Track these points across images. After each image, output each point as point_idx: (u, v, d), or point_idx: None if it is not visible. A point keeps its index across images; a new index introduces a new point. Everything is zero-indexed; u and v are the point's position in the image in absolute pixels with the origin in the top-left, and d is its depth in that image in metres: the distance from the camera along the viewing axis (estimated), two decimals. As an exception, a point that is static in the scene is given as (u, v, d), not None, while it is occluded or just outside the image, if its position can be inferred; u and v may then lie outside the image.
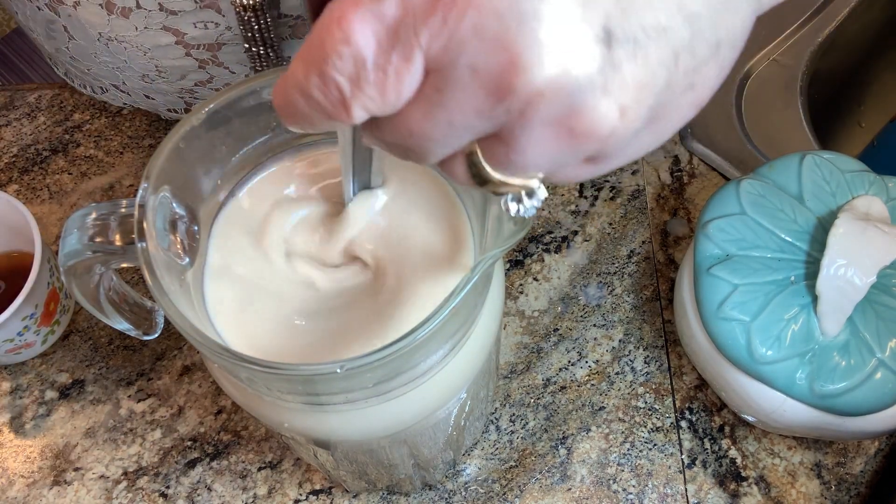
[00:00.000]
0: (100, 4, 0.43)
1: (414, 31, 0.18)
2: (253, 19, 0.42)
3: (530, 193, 0.22)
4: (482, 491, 0.48)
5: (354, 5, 0.19)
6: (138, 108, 0.63)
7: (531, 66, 0.18)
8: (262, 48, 0.44)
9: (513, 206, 0.23)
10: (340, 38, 0.19)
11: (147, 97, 0.54)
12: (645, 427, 0.49)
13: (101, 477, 0.49)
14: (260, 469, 0.49)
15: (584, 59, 0.18)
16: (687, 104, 0.20)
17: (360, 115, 0.20)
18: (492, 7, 0.17)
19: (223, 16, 0.44)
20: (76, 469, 0.49)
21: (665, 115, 0.20)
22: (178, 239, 0.30)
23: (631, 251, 0.55)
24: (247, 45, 0.44)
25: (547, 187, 0.22)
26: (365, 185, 0.33)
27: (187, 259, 0.31)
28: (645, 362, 0.51)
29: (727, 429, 0.49)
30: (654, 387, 0.50)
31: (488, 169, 0.21)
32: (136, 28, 0.44)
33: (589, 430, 0.49)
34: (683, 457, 0.48)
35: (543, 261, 0.55)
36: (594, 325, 0.52)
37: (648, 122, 0.20)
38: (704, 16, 0.19)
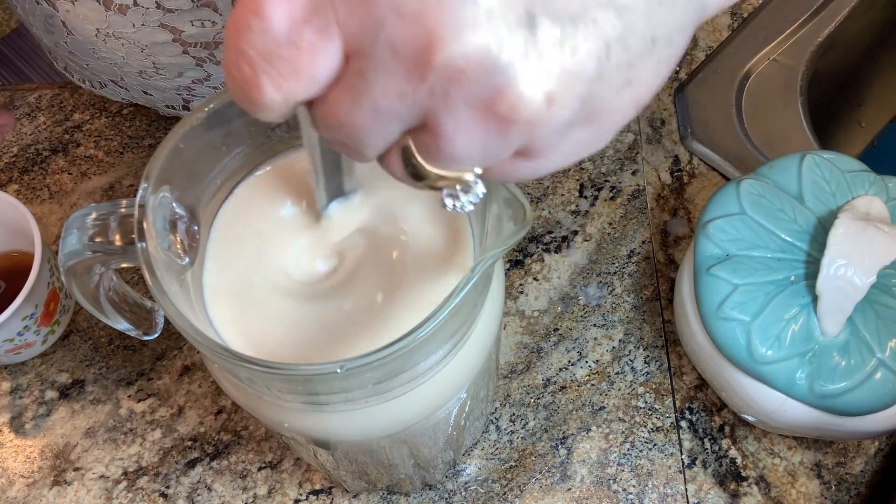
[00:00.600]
0: (97, 1, 0.44)
1: (332, 5, 0.18)
2: None
3: (466, 189, 0.22)
4: (482, 491, 0.48)
5: None
6: (138, 108, 0.63)
7: (450, 42, 0.17)
8: None
9: (448, 202, 0.22)
10: (252, 9, 0.18)
11: (145, 93, 0.54)
12: (645, 427, 0.49)
13: (101, 477, 0.49)
14: (260, 469, 0.49)
15: (505, 40, 0.18)
16: (626, 101, 0.20)
17: (273, 95, 0.20)
18: None
19: (220, 14, 0.44)
20: (76, 469, 0.49)
21: (602, 111, 0.20)
22: (178, 239, 0.30)
23: (631, 251, 0.55)
24: None
25: (488, 186, 0.22)
26: (337, 190, 0.32)
27: (187, 259, 0.31)
28: (645, 362, 0.51)
29: (727, 429, 0.49)
30: (654, 387, 0.50)
31: (422, 162, 0.21)
32: (134, 25, 0.44)
33: (589, 430, 0.49)
34: (683, 457, 0.48)
35: (543, 261, 0.55)
36: (594, 325, 0.52)
37: (584, 117, 0.20)
38: (637, 10, 0.19)
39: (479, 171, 0.21)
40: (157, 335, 0.38)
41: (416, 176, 0.21)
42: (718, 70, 0.62)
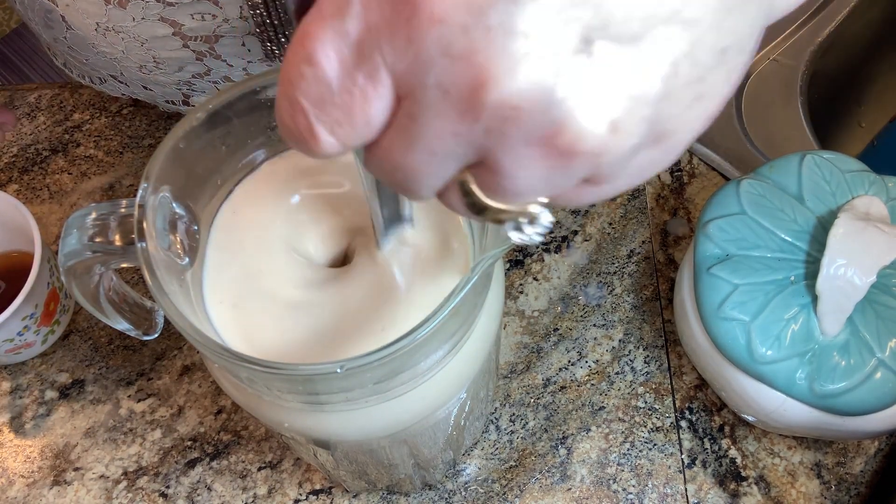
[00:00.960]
0: None
1: (378, 49, 0.17)
2: (261, 5, 0.42)
3: (532, 220, 0.21)
4: (482, 491, 0.48)
5: (319, 21, 0.18)
6: (138, 108, 0.63)
7: (502, 80, 0.17)
8: (272, 32, 0.44)
9: (514, 235, 0.21)
10: (303, 57, 0.18)
11: (145, 88, 0.54)
12: (645, 427, 0.49)
13: (101, 477, 0.49)
14: (260, 469, 0.49)
15: (561, 71, 0.17)
16: (696, 117, 0.19)
17: (328, 141, 0.19)
18: (457, 21, 0.16)
19: (220, 8, 0.44)
20: (76, 469, 0.49)
21: (672, 130, 0.19)
22: (178, 239, 0.30)
23: (631, 251, 0.55)
24: (258, 31, 0.44)
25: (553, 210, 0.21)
26: (395, 217, 0.31)
27: (187, 259, 0.31)
28: (645, 362, 0.51)
29: (727, 429, 0.49)
30: (654, 387, 0.50)
31: (482, 197, 0.20)
32: (133, 18, 0.44)
33: (589, 429, 0.49)
34: (683, 457, 0.48)
35: (543, 261, 0.55)
36: (594, 325, 0.52)
37: (652, 138, 0.19)
38: (704, 22, 0.18)
39: (544, 200, 0.20)
40: (157, 335, 0.38)
41: (478, 211, 0.21)
42: (718, 70, 0.62)
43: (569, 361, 0.51)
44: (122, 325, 0.36)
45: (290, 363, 0.26)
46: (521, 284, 0.54)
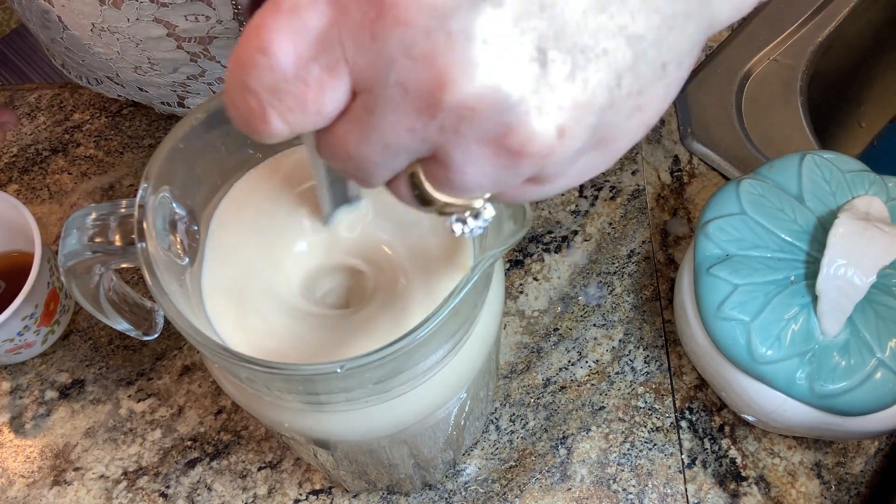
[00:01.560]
0: None
1: (340, 43, 0.18)
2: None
3: (476, 214, 0.22)
4: (482, 491, 0.48)
5: (275, 14, 0.18)
6: (138, 108, 0.63)
7: (459, 81, 0.17)
8: None
9: (457, 227, 0.22)
10: (257, 47, 0.18)
11: (140, 90, 0.54)
12: (645, 427, 0.49)
13: (101, 477, 0.49)
14: (260, 469, 0.49)
15: (516, 77, 0.18)
16: (635, 126, 0.20)
17: (278, 125, 0.20)
18: (420, 24, 0.17)
19: (214, 9, 0.44)
20: (76, 469, 0.49)
21: (612, 137, 0.20)
22: (178, 239, 0.30)
23: (631, 251, 0.55)
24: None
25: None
26: (342, 198, 0.32)
27: (187, 259, 0.31)
28: (645, 362, 0.51)
29: (727, 429, 0.49)
30: (654, 387, 0.50)
31: (430, 190, 0.21)
32: (128, 19, 0.45)
33: (589, 429, 0.49)
34: (683, 457, 0.48)
35: (543, 261, 0.55)
36: (594, 325, 0.52)
37: (594, 143, 0.20)
38: (647, 38, 0.19)
39: (487, 195, 0.21)
40: (157, 335, 0.38)
41: (424, 202, 0.21)
42: (718, 70, 0.62)
43: (569, 361, 0.51)
44: (122, 325, 0.36)
45: (290, 363, 0.26)
46: (521, 284, 0.54)
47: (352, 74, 0.18)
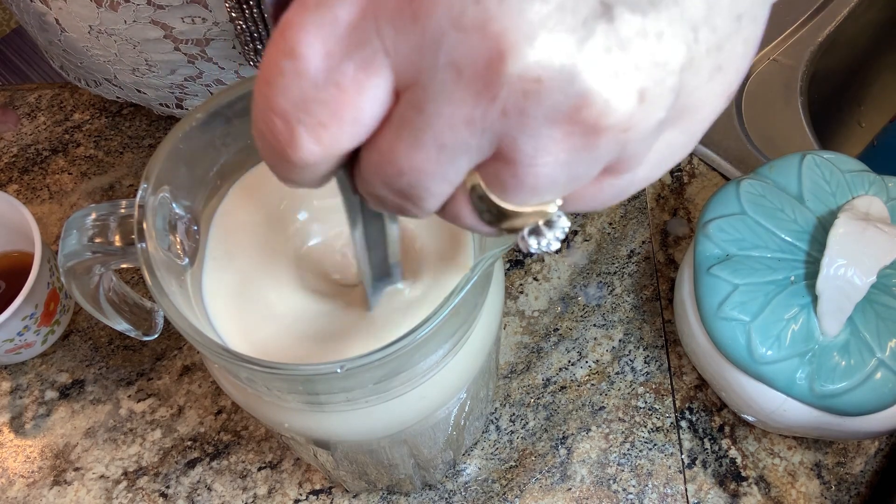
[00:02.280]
0: None
1: (377, 32, 0.16)
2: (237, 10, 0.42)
3: (549, 224, 0.19)
4: (482, 491, 0.48)
5: (301, 12, 0.16)
6: (138, 108, 0.63)
7: (519, 48, 0.15)
8: (248, 39, 0.43)
9: (532, 242, 0.19)
10: (283, 51, 0.16)
11: (139, 91, 0.54)
12: (645, 427, 0.49)
13: (101, 477, 0.49)
14: (260, 469, 0.49)
15: (583, 37, 0.15)
16: (717, 90, 0.18)
17: (311, 148, 0.17)
18: None
19: (210, 11, 0.44)
20: (76, 469, 0.49)
21: (694, 106, 0.18)
22: (178, 239, 0.30)
23: (631, 251, 0.55)
24: (238, 38, 0.44)
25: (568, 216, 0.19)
26: (382, 267, 0.29)
27: (187, 259, 0.31)
28: (645, 362, 0.51)
29: (727, 429, 0.49)
30: (654, 387, 0.50)
31: (497, 200, 0.18)
32: (125, 21, 0.45)
33: (589, 430, 0.49)
34: (683, 457, 0.48)
35: (543, 261, 0.55)
36: (594, 325, 0.52)
37: (675, 115, 0.18)
38: None
39: (560, 202, 0.19)
40: (157, 335, 0.38)
41: (492, 218, 0.19)
42: (718, 70, 0.62)
43: (569, 361, 0.51)
44: (121, 325, 0.36)
45: (290, 363, 0.26)
46: (521, 284, 0.54)
47: (394, 67, 0.16)
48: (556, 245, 0.20)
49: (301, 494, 0.48)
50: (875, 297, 0.42)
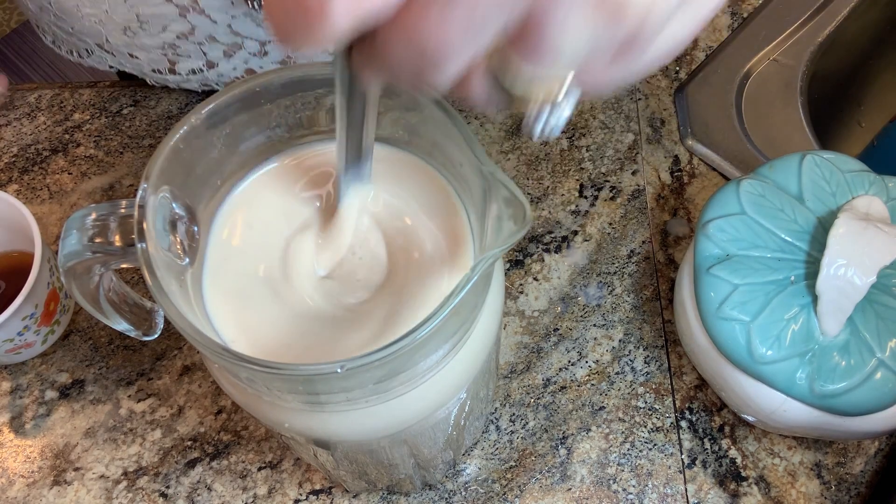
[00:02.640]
0: None
1: None
2: None
3: (553, 106, 0.21)
4: (482, 491, 0.48)
5: None
6: (138, 108, 0.63)
7: None
8: None
9: (537, 127, 0.21)
10: None
11: (131, 56, 0.53)
12: (645, 427, 0.49)
13: (101, 477, 0.49)
14: (260, 469, 0.49)
15: None
16: None
17: (342, 17, 0.16)
18: None
19: None
20: (76, 469, 0.49)
21: None
22: (178, 239, 0.30)
23: (631, 251, 0.55)
24: None
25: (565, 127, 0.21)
26: (356, 150, 0.31)
27: (187, 259, 0.31)
28: (645, 362, 0.51)
29: (727, 429, 0.49)
30: (654, 387, 0.50)
31: (511, 74, 0.19)
32: None
33: (589, 430, 0.49)
34: (683, 457, 0.48)
35: (543, 261, 0.55)
36: (594, 325, 0.52)
37: (680, 2, 0.18)
38: None
39: (571, 76, 0.20)
40: (157, 335, 0.38)
41: (504, 91, 0.19)
42: (718, 70, 0.62)
43: (569, 361, 0.51)
44: (121, 325, 0.36)
45: (290, 363, 0.26)
46: (521, 284, 0.54)
47: None
48: (558, 132, 0.21)
49: (301, 494, 0.48)
50: (875, 297, 0.42)
